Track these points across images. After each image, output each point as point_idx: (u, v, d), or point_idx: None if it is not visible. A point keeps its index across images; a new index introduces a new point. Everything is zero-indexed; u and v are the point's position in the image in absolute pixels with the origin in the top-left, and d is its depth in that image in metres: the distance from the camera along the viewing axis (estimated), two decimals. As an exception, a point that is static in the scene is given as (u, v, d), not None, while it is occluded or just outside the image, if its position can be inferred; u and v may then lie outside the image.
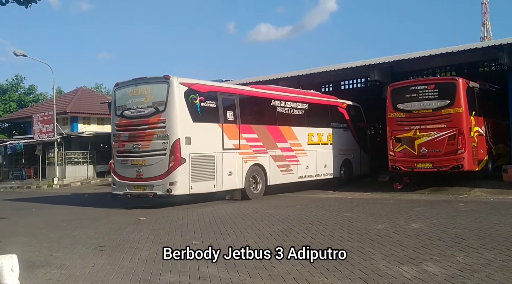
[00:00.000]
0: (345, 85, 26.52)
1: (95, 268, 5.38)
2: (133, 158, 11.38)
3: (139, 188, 11.31)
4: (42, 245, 6.93)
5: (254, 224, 8.40)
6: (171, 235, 7.41)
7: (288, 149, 14.22)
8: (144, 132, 11.25)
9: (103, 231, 8.12)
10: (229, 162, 12.21)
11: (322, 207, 10.84)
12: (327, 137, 15.89)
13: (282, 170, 13.96)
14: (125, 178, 11.53)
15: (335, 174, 16.18)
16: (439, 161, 13.29)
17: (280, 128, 14.11)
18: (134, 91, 11.58)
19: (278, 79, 21.71)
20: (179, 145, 10.86)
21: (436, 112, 13.34)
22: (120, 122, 11.82)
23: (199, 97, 11.50)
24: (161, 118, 11.03)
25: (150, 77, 11.53)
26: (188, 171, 11.00)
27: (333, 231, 7.31)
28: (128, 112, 11.60)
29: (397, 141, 13.96)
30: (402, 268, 4.93)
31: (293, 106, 14.64)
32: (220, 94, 12.29)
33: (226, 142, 12.14)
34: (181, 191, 11.02)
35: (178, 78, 11.16)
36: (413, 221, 8.15)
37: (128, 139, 11.52)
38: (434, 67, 19.63)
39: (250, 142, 12.98)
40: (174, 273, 5.04)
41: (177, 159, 10.83)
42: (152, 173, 11.05)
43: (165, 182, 10.83)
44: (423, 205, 10.79)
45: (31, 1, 5.65)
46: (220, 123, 12.06)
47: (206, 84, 12.20)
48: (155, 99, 11.19)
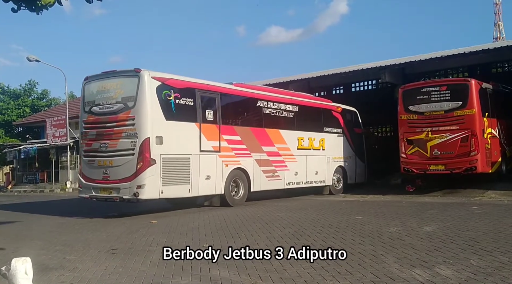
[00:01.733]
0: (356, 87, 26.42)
1: (108, 271, 5.41)
2: (100, 158, 10.53)
3: (105, 191, 10.46)
4: (55, 248, 6.99)
5: (265, 226, 8.39)
6: (182, 238, 7.43)
7: (275, 153, 13.35)
8: (112, 130, 10.41)
9: (115, 234, 8.17)
10: (207, 165, 11.33)
11: (333, 210, 10.79)
12: (319, 142, 15.03)
13: (268, 175, 13.09)
14: (91, 179, 10.68)
15: (327, 181, 15.32)
16: (452, 163, 13.18)
17: (267, 130, 13.27)
18: (103, 86, 10.74)
19: (288, 82, 21.76)
20: (149, 145, 10.01)
21: (448, 114, 13.26)
22: (88, 119, 10.98)
23: (173, 93, 10.62)
24: (130, 115, 10.17)
25: (121, 70, 10.74)
26: (159, 173, 10.15)
27: (344, 234, 7.27)
28: (96, 109, 10.76)
29: (409, 143, 13.88)
30: (415, 271, 4.88)
31: (281, 108, 13.78)
32: (199, 92, 11.35)
33: (204, 143, 11.28)
34: (150, 195, 10.18)
35: (150, 71, 10.33)
36: (426, 224, 8.07)
37: (96, 137, 10.68)
38: (446, 68, 19.49)
39: (232, 144, 12.13)
40: (186, 276, 5.05)
41: (145, 160, 9.96)
42: (119, 174, 10.19)
43: (132, 185, 9.97)
44: (436, 207, 10.69)
45: (42, 8, 5.72)
46: (197, 123, 11.17)
47: (182, 79, 11.18)
48: (124, 94, 10.35)
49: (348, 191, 15.87)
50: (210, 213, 10.70)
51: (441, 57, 16.66)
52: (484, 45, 15.89)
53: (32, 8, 5.70)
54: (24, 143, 33.02)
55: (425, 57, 17.41)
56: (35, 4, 5.65)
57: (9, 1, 5.57)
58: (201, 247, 6.60)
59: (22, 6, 5.68)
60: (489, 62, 17.94)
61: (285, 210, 11.11)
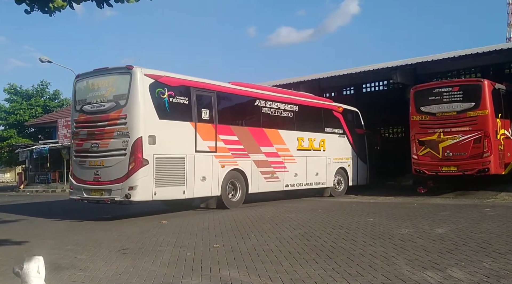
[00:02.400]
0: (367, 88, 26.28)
1: (118, 270, 5.44)
2: (91, 159, 10.18)
3: (97, 192, 10.06)
4: (67, 248, 7.05)
5: (275, 227, 8.37)
6: (192, 238, 7.45)
7: (274, 154, 12.97)
8: (103, 130, 10.05)
9: (126, 233, 8.22)
10: (203, 165, 10.94)
11: (344, 211, 10.74)
12: (320, 143, 14.65)
13: (266, 176, 12.70)
14: (82, 181, 10.30)
15: (328, 183, 14.95)
16: (464, 164, 13.06)
17: (265, 131, 12.88)
18: (95, 84, 10.39)
19: (298, 82, 21.72)
20: (141, 144, 9.63)
21: (461, 114, 13.14)
22: (79, 119, 10.60)
23: (167, 91, 10.26)
24: (121, 113, 9.82)
25: (112, 67, 10.38)
26: (152, 174, 9.77)
27: (355, 236, 7.23)
28: (87, 107, 10.39)
29: (421, 144, 13.78)
30: (426, 273, 4.83)
31: (280, 107, 13.40)
32: (194, 90, 10.97)
33: (200, 143, 10.90)
34: (142, 197, 9.78)
35: (143, 69, 9.96)
36: (438, 226, 7.99)
37: (87, 137, 10.32)
38: (458, 69, 19.29)
39: (229, 144, 11.74)
40: (196, 276, 5.06)
41: (138, 160, 9.58)
42: (110, 175, 9.82)
43: (124, 186, 9.59)
44: (448, 209, 10.58)
45: (55, 9, 5.78)
46: (193, 122, 10.80)
47: (177, 77, 10.77)
48: (116, 92, 10.01)
49: (353, 192, 15.73)
50: (220, 214, 10.72)
51: (453, 58, 16.50)
52: (497, 45, 15.72)
53: (45, 10, 5.75)
54: (36, 143, 33.41)
55: (437, 57, 17.26)
56: (48, 6, 5.71)
57: (22, 2, 5.63)
58: (211, 247, 6.62)
59: (35, 7, 5.74)
60: (502, 62, 17.70)
61: (295, 211, 11.09)
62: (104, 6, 6.00)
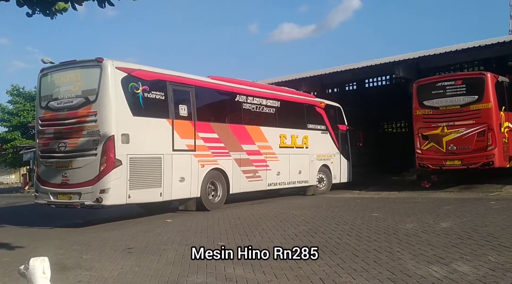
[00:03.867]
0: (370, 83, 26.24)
1: (124, 270, 5.46)
2: (59, 159, 9.35)
3: (65, 196, 9.23)
4: (72, 248, 7.08)
5: (280, 224, 8.38)
6: (197, 237, 7.47)
7: (255, 152, 12.39)
8: (71, 128, 9.27)
9: (131, 233, 8.24)
10: (181, 165, 10.25)
11: (348, 207, 10.74)
12: (303, 140, 14.11)
13: (248, 175, 12.12)
14: (49, 183, 9.46)
15: (311, 181, 14.47)
16: (468, 158, 13.03)
17: (247, 128, 12.28)
18: (62, 78, 9.60)
19: (300, 79, 21.69)
20: (113, 144, 8.88)
21: (464, 108, 13.11)
22: (45, 116, 9.75)
23: (141, 86, 9.55)
24: (91, 110, 9.05)
25: (81, 60, 9.54)
26: (125, 175, 9.02)
27: (360, 231, 7.22)
28: (54, 104, 9.57)
29: (424, 138, 13.76)
30: (432, 268, 4.83)
31: (262, 103, 12.79)
32: (171, 84, 10.28)
33: (178, 142, 10.22)
34: (115, 201, 9.03)
35: (114, 61, 9.21)
36: (443, 220, 7.98)
37: (53, 136, 9.53)
38: (461, 62, 19.24)
39: (209, 142, 11.09)
40: (201, 274, 5.07)
41: (110, 161, 8.83)
42: (80, 177, 9.02)
43: (94, 189, 8.81)
44: (453, 203, 10.56)
45: (57, 12, 5.78)
46: (169, 119, 10.12)
47: (152, 71, 10.07)
48: (85, 87, 9.23)
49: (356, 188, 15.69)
50: (224, 212, 10.73)
51: (455, 51, 16.43)
52: (500, 38, 15.61)
53: (47, 13, 5.77)
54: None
55: (439, 51, 17.18)
56: (50, 9, 5.72)
57: (23, 5, 5.64)
58: (216, 245, 6.63)
59: (37, 10, 5.75)
60: (505, 55, 17.59)
61: (300, 207, 11.09)
62: (106, 5, 6.01)
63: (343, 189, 15.50)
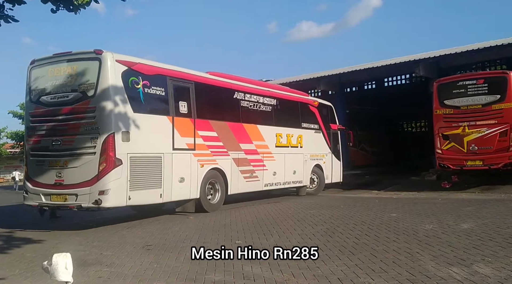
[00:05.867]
0: (389, 82, 25.98)
1: (143, 266, 5.53)
2: (52, 158, 8.75)
3: (59, 198, 8.60)
4: (93, 244, 7.20)
5: (297, 224, 8.37)
6: (214, 235, 7.51)
7: (253, 151, 12.02)
8: (67, 125, 8.69)
9: (149, 230, 8.33)
10: (181, 165, 9.78)
11: (366, 207, 10.65)
12: (297, 139, 13.72)
13: (246, 176, 11.74)
14: (41, 184, 8.84)
15: (305, 181, 14.16)
16: (490, 158, 12.84)
17: (244, 126, 11.88)
18: (55, 71, 8.95)
19: (319, 78, 21.61)
20: (114, 142, 8.33)
21: (486, 108, 12.91)
22: (36, 112, 9.14)
23: (142, 81, 9.01)
24: (89, 106, 8.48)
25: (77, 52, 8.93)
26: (126, 176, 8.47)
27: (378, 232, 7.16)
28: (46, 98, 8.96)
29: (445, 138, 13.60)
30: (452, 269, 4.76)
31: (259, 100, 12.41)
32: (171, 80, 9.79)
33: (178, 140, 9.74)
34: (115, 203, 8.49)
35: (114, 54, 8.65)
36: (463, 221, 7.86)
37: (46, 133, 8.93)
38: (483, 61, 18.93)
39: (208, 141, 10.64)
40: (219, 272, 5.10)
41: (110, 160, 8.28)
42: (76, 178, 8.43)
43: (93, 190, 8.24)
44: (474, 204, 10.39)
45: (80, 7, 5.91)
46: (170, 116, 9.64)
47: (152, 65, 9.59)
48: (82, 81, 8.63)
49: (375, 187, 15.57)
50: (242, 210, 10.76)
51: (477, 50, 16.16)
52: (524, 36, 15.30)
53: (70, 8, 5.90)
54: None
55: (461, 49, 16.93)
56: (73, 4, 5.85)
57: (47, 2, 5.77)
58: (234, 243, 6.66)
59: (61, 6, 5.88)
60: (529, 53, 17.25)
61: (318, 207, 11.05)
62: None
63: (339, 188, 15.31)
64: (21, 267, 5.83)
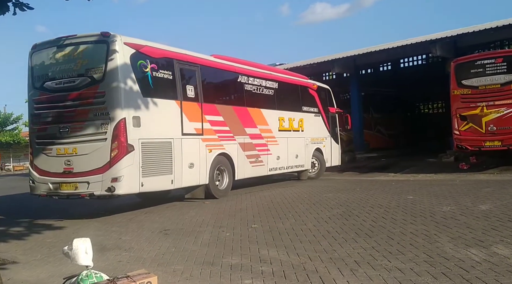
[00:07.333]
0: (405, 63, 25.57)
1: (161, 250, 5.61)
2: (60, 146, 8.46)
3: (69, 186, 8.34)
4: (111, 229, 7.32)
5: (313, 207, 8.37)
6: (231, 219, 7.56)
7: (257, 136, 11.91)
8: (74, 111, 8.42)
9: (166, 216, 8.43)
10: (190, 150, 9.64)
11: (383, 190, 10.60)
12: (298, 123, 13.63)
13: (252, 161, 11.66)
14: (48, 173, 8.58)
15: (307, 165, 14.11)
16: (509, 138, 12.63)
17: (249, 110, 11.77)
18: (60, 55, 8.62)
19: (333, 60, 21.40)
20: (125, 127, 8.08)
21: (505, 87, 12.66)
22: (41, 98, 8.83)
23: (150, 64, 8.77)
24: (98, 90, 8.20)
25: (83, 35, 8.57)
26: (138, 162, 8.27)
27: (395, 214, 7.13)
28: (51, 84, 8.64)
29: (463, 119, 13.39)
30: (470, 251, 4.72)
31: (262, 84, 12.28)
32: (178, 63, 9.54)
33: (186, 125, 9.56)
34: (128, 189, 8.30)
35: (122, 36, 8.33)
36: (482, 202, 7.76)
37: (52, 120, 8.64)
38: (501, 39, 18.49)
39: (215, 125, 10.49)
40: (236, 255, 5.14)
41: (122, 146, 8.05)
42: (86, 165, 8.19)
43: (105, 178, 8.02)
44: (492, 185, 10.25)
45: None
46: (178, 101, 9.42)
47: (158, 47, 9.27)
48: (89, 65, 8.33)
49: (392, 170, 15.45)
50: (257, 195, 10.81)
51: (496, 28, 15.76)
52: (544, 12, 14.85)
53: None
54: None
55: (479, 28, 16.52)
56: None
57: None
58: (250, 227, 6.71)
59: None
60: (550, 30, 16.76)
61: (334, 190, 11.03)
62: None
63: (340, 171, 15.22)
64: (42, 252, 5.97)
